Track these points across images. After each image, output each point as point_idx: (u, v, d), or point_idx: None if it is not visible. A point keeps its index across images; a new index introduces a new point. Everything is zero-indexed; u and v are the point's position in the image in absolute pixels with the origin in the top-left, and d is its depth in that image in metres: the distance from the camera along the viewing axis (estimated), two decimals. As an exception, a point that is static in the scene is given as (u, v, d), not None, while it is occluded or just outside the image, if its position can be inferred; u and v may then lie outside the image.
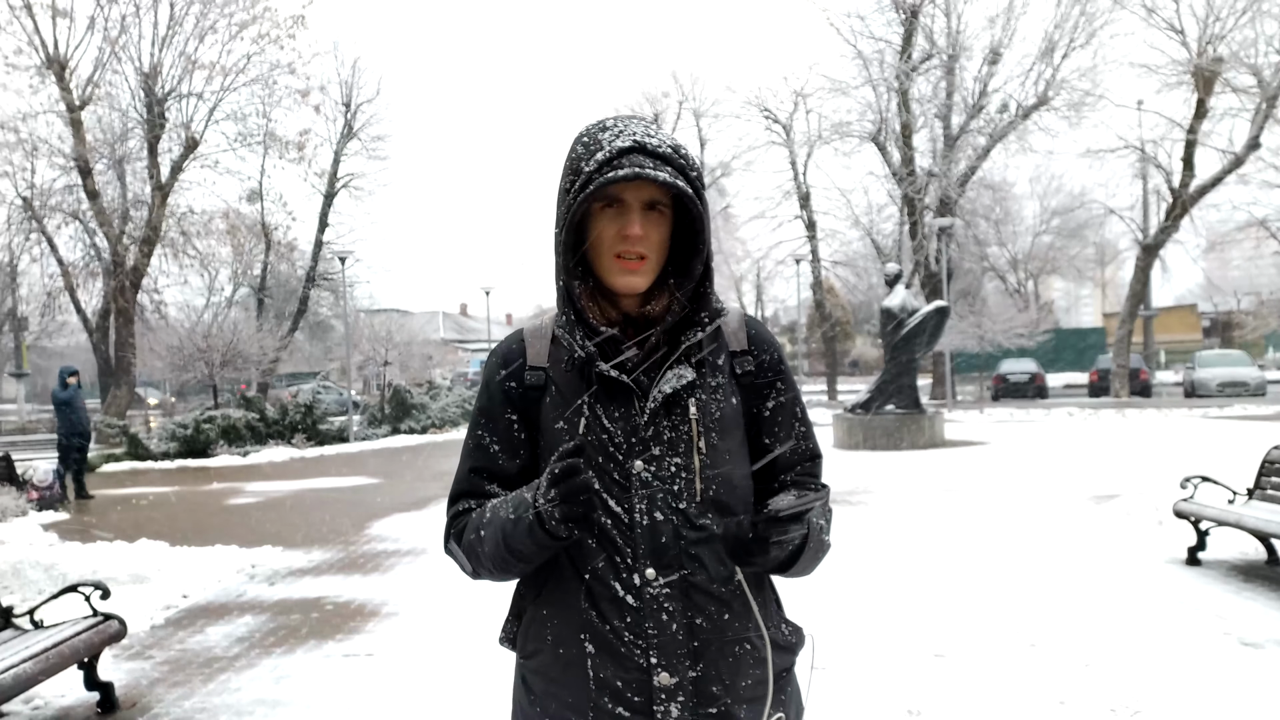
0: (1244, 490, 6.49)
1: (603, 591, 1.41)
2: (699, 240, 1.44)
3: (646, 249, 1.41)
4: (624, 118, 1.44)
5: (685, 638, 1.40)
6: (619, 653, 1.40)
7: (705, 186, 1.45)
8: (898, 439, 15.21)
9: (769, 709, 1.44)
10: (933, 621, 5.23)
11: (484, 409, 1.55)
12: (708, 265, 1.46)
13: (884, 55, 29.30)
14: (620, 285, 1.43)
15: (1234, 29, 23.96)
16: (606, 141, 1.39)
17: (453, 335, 59.89)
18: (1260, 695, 3.98)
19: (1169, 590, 5.73)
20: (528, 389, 1.50)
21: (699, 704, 1.41)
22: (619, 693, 1.40)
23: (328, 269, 30.96)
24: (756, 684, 1.45)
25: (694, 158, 1.43)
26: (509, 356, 1.54)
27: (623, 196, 1.40)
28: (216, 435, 19.13)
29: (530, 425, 1.51)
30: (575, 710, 1.42)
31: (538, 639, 1.48)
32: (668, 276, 1.47)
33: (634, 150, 1.37)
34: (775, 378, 1.56)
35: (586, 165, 1.38)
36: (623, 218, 1.41)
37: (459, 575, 1.61)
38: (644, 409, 1.43)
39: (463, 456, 1.58)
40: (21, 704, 4.42)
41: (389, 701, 4.38)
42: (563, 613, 1.44)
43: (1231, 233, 26.95)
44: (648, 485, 1.41)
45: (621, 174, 1.34)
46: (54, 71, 23.16)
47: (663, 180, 1.35)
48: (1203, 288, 44.42)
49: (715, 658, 1.42)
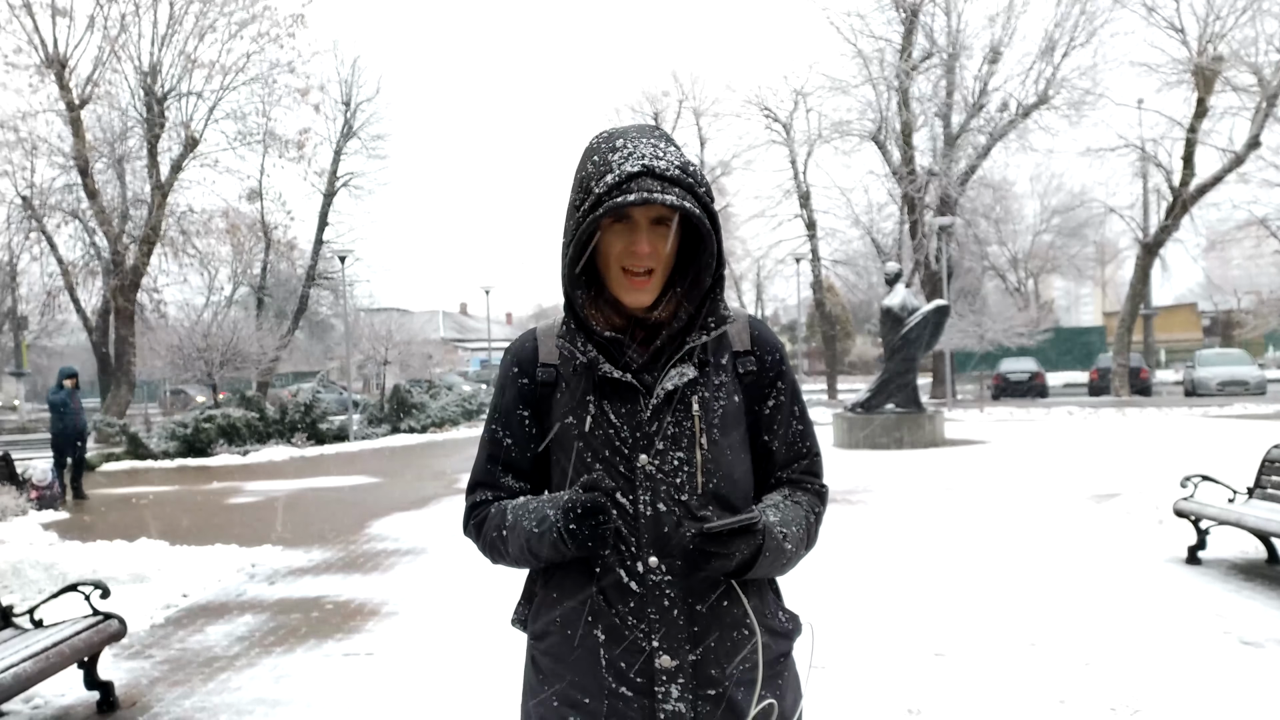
0: (1244, 489, 6.49)
1: (609, 578, 1.48)
2: (707, 252, 1.49)
3: (654, 263, 1.47)
4: (634, 135, 1.48)
5: (685, 623, 1.48)
6: (623, 636, 1.47)
7: (714, 198, 1.50)
8: (898, 438, 15.21)
9: (759, 693, 1.51)
10: (933, 620, 5.23)
11: (499, 404, 1.64)
12: (719, 275, 1.51)
13: (884, 54, 29.31)
14: (627, 301, 1.50)
15: (1234, 27, 23.98)
16: (616, 164, 1.43)
17: (453, 334, 59.91)
18: (1260, 694, 3.98)
19: (1169, 589, 5.73)
20: (539, 385, 1.59)
21: (698, 686, 1.48)
22: (623, 673, 1.47)
23: (327, 268, 30.95)
24: (752, 669, 1.51)
25: (702, 174, 1.48)
26: (522, 354, 1.62)
27: (631, 214, 1.45)
28: (216, 434, 19.14)
29: (542, 419, 1.59)
30: (582, 690, 1.50)
31: (547, 621, 1.55)
32: (674, 283, 1.53)
33: (644, 174, 1.41)
34: (776, 378, 1.62)
35: (596, 186, 1.43)
36: (631, 234, 1.46)
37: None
38: (648, 405, 1.49)
39: (480, 447, 1.67)
40: (21, 703, 4.42)
41: (389, 700, 4.38)
42: (571, 597, 1.51)
43: (1232, 231, 26.95)
44: (652, 479, 1.49)
45: (630, 199, 1.39)
46: (53, 70, 23.15)
47: (670, 203, 1.40)
48: (1203, 286, 44.40)
49: (714, 642, 1.49)
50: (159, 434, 19.50)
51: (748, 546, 1.41)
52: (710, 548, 1.38)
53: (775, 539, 1.46)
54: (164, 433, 19.37)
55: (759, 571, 1.47)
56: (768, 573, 1.52)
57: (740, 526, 1.38)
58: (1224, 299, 44.45)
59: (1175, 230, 26.71)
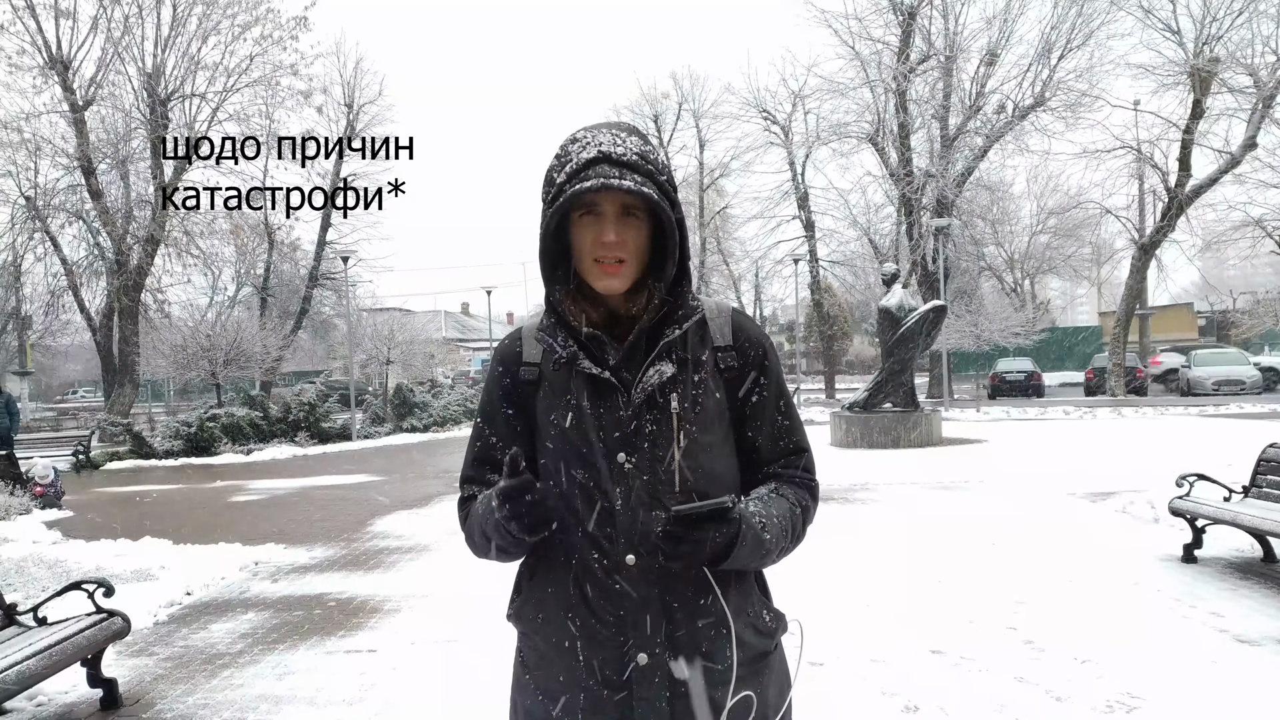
0: (1240, 488, 6.51)
1: (588, 576, 1.50)
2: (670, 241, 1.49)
3: (624, 253, 1.47)
4: (594, 127, 1.49)
5: (662, 621, 1.48)
6: (599, 633, 1.49)
7: (677, 188, 1.51)
8: (895, 437, 15.25)
9: (733, 688, 1.50)
10: (930, 618, 5.26)
11: (485, 404, 1.66)
12: (682, 265, 1.51)
13: (882, 56, 29.39)
14: (600, 288, 1.50)
15: (1230, 29, 24.03)
16: (575, 153, 1.45)
17: (454, 334, 59.93)
18: (1255, 692, 4.01)
19: (1165, 587, 5.76)
20: (523, 384, 1.60)
21: (674, 683, 1.48)
22: (599, 670, 1.49)
23: (330, 268, 30.97)
24: (728, 668, 1.51)
25: (662, 162, 1.48)
26: (506, 354, 1.64)
27: (599, 204, 1.46)
28: (220, 433, 19.17)
29: (527, 417, 1.60)
30: (563, 686, 1.52)
31: (532, 617, 1.58)
32: (648, 277, 1.52)
33: (600, 160, 1.42)
34: (759, 372, 1.60)
35: (558, 176, 1.45)
36: (599, 225, 1.46)
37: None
38: (628, 404, 1.49)
39: (469, 446, 1.68)
40: (25, 700, 4.43)
41: (392, 697, 4.41)
42: (553, 594, 1.54)
43: (1227, 232, 26.91)
44: (631, 477, 1.48)
45: (587, 185, 1.40)
46: (57, 72, 23.20)
47: (628, 188, 1.40)
48: (1199, 287, 44.35)
49: (690, 640, 1.49)
50: (163, 433, 19.55)
51: (720, 535, 1.38)
52: (679, 531, 1.37)
53: (754, 528, 1.43)
54: (168, 432, 19.42)
55: (736, 562, 1.44)
56: (746, 564, 1.48)
57: (711, 511, 1.37)
58: (1220, 299, 44.47)
59: (1171, 231, 26.75)
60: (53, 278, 27.84)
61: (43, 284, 28.97)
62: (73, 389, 58.83)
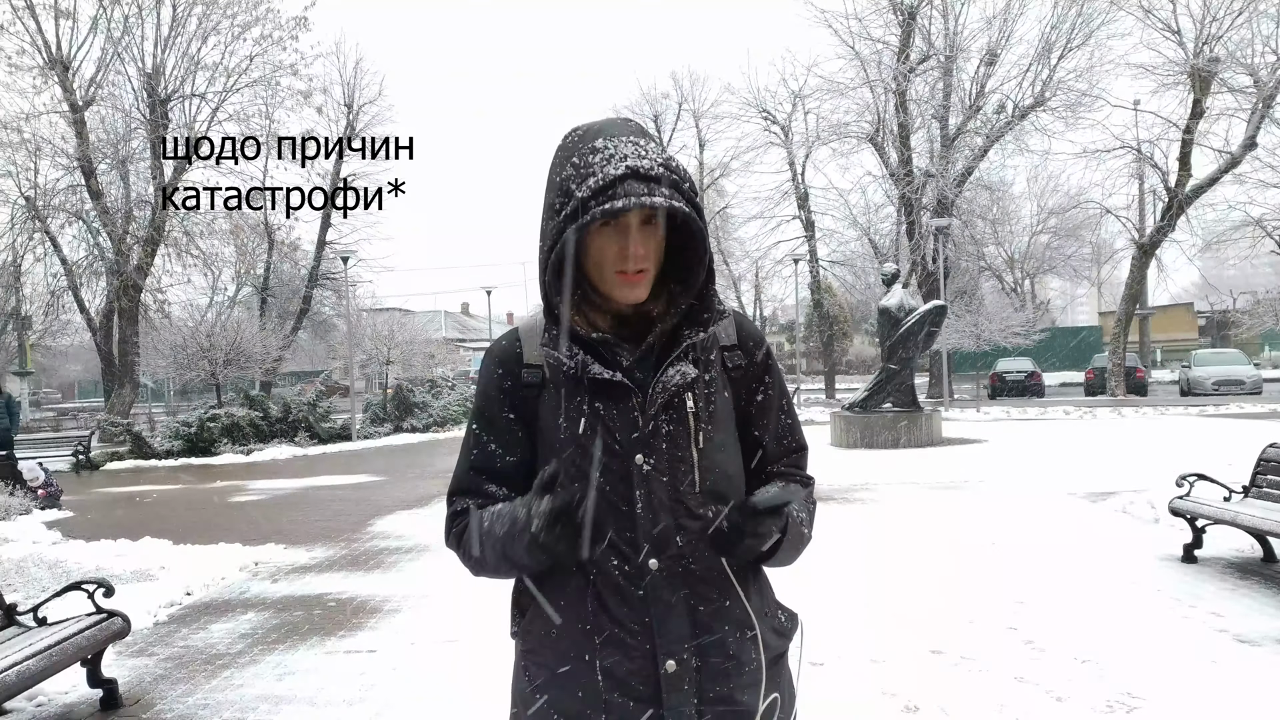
0: (1240, 488, 6.51)
1: (606, 583, 1.43)
2: (696, 246, 1.46)
3: (647, 264, 1.43)
4: (611, 134, 1.42)
5: (688, 626, 1.44)
6: (624, 642, 1.42)
7: (699, 193, 1.47)
8: (895, 437, 15.26)
9: (764, 690, 1.48)
10: (930, 618, 5.26)
11: (481, 408, 1.56)
12: (710, 268, 1.48)
13: (882, 56, 29.37)
14: (620, 297, 1.45)
15: (1230, 29, 24.01)
16: (599, 166, 1.36)
17: (454, 334, 59.91)
18: (1255, 692, 4.01)
19: (1165, 587, 5.77)
20: (525, 387, 1.51)
21: (703, 689, 1.44)
22: (625, 682, 1.42)
23: (330, 268, 30.95)
24: (755, 669, 1.49)
25: (684, 168, 1.44)
26: (505, 355, 1.55)
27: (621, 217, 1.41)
28: (220, 433, 19.17)
29: (528, 422, 1.52)
30: (582, 703, 1.44)
31: (543, 630, 1.49)
32: (664, 277, 1.49)
33: (628, 177, 1.35)
34: (764, 372, 1.60)
35: (578, 190, 1.36)
36: (623, 237, 1.41)
37: (461, 572, 1.64)
38: (644, 405, 1.45)
39: (462, 453, 1.60)
40: (25, 701, 4.44)
41: (392, 698, 4.41)
42: (567, 607, 1.46)
43: (1227, 232, 26.96)
44: (649, 479, 1.44)
45: (620, 205, 1.33)
46: (57, 72, 23.21)
47: (665, 206, 1.36)
48: (1199, 287, 44.36)
49: (716, 644, 1.45)
50: (163, 433, 19.57)
51: (779, 528, 1.42)
52: (745, 523, 1.38)
53: (796, 525, 1.46)
54: (168, 432, 19.44)
55: (779, 560, 1.47)
56: (782, 561, 1.50)
57: (778, 504, 1.37)
58: (1220, 299, 44.47)
59: (1171, 231, 26.74)
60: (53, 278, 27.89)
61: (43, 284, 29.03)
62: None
